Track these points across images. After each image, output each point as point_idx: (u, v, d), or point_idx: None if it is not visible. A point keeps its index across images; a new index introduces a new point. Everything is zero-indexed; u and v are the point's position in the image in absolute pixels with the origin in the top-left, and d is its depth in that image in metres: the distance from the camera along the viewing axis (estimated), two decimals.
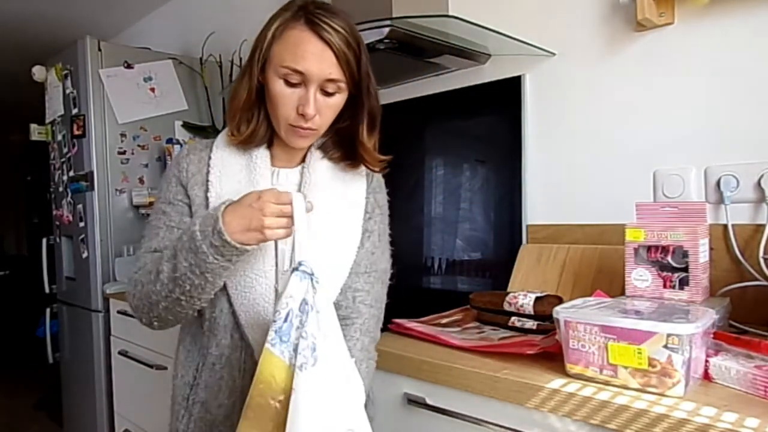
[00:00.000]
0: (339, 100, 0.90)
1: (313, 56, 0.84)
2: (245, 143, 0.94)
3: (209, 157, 0.95)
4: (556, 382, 0.85)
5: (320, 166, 0.97)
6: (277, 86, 0.87)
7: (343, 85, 0.88)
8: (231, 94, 0.95)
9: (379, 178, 1.04)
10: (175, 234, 0.92)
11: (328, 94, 0.88)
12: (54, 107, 2.49)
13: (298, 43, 0.84)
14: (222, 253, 0.80)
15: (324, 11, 0.86)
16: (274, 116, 0.90)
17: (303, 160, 0.98)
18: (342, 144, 0.98)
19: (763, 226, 1.11)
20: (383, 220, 1.02)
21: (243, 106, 0.91)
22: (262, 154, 0.95)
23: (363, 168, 1.00)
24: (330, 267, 0.91)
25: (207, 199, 0.93)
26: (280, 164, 0.98)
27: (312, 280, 0.76)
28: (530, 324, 1.14)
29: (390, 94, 1.86)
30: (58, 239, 2.60)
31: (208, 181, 0.94)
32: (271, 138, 0.97)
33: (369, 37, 1.35)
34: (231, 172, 0.94)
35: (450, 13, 1.54)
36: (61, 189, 2.51)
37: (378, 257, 0.99)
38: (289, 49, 0.85)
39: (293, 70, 0.84)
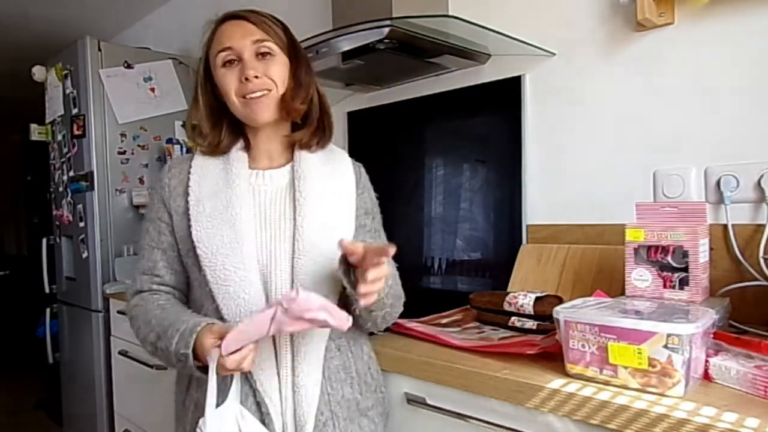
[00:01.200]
0: (280, 62, 0.97)
1: (235, 31, 0.96)
2: (214, 151, 1.01)
3: (190, 166, 1.01)
4: (556, 382, 0.85)
5: (309, 161, 1.01)
6: (220, 73, 0.97)
7: (272, 44, 0.96)
8: (187, 115, 1.05)
9: (366, 176, 1.09)
10: (156, 255, 0.99)
11: (263, 57, 0.96)
12: (54, 107, 2.49)
13: (221, 32, 0.98)
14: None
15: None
16: (230, 101, 0.98)
17: (290, 159, 1.03)
18: (315, 134, 1.04)
19: (763, 226, 1.11)
20: (380, 219, 1.09)
21: (201, 118, 1.00)
22: (238, 156, 1.01)
23: (349, 162, 1.06)
24: (326, 255, 0.94)
25: (187, 203, 0.97)
26: (262, 166, 1.02)
27: None
28: (530, 324, 1.14)
29: (390, 94, 1.86)
30: (58, 239, 2.60)
31: (188, 186, 0.98)
32: (246, 142, 1.03)
33: (369, 37, 1.35)
34: (209, 176, 0.99)
35: (450, 13, 1.54)
36: (61, 189, 2.51)
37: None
38: (217, 40, 0.98)
39: (224, 49, 0.96)
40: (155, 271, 0.99)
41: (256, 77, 0.94)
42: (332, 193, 1.00)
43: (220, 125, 1.01)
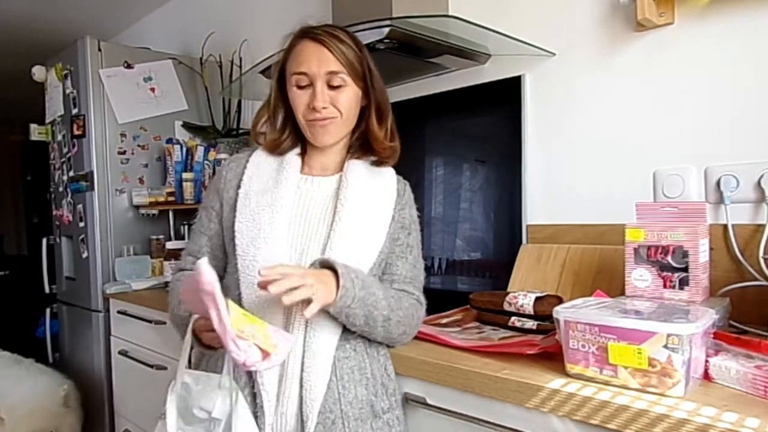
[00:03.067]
0: (349, 92, 1.02)
1: (312, 56, 1.00)
2: (273, 149, 1.08)
3: (247, 161, 1.09)
4: (556, 382, 0.85)
5: (357, 172, 1.07)
6: (293, 92, 1.02)
7: (345, 76, 1.01)
8: (258, 110, 1.12)
9: (410, 193, 1.15)
10: (203, 240, 1.09)
11: (334, 88, 1.01)
12: (54, 107, 2.49)
13: (300, 51, 1.02)
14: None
15: (324, 26, 1.04)
16: (298, 120, 1.04)
17: (341, 170, 1.08)
18: (366, 144, 1.11)
19: (763, 226, 1.11)
20: (418, 236, 1.13)
21: (265, 117, 1.09)
22: (292, 160, 1.07)
23: (394, 179, 1.12)
24: (354, 260, 0.99)
25: (237, 194, 1.05)
26: (315, 173, 1.08)
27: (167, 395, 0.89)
28: (530, 324, 1.14)
29: (390, 94, 1.84)
30: (58, 239, 2.60)
31: (241, 180, 1.05)
32: (304, 148, 1.09)
33: (369, 37, 1.35)
34: (262, 173, 1.06)
35: (450, 13, 1.54)
36: (61, 189, 2.51)
37: (419, 270, 1.11)
38: (294, 59, 1.02)
39: (299, 73, 1.00)
40: (198, 255, 1.08)
41: (324, 108, 1.00)
42: (372, 204, 1.05)
43: (284, 127, 1.09)
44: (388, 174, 1.12)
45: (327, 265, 0.94)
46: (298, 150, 1.09)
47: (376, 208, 1.05)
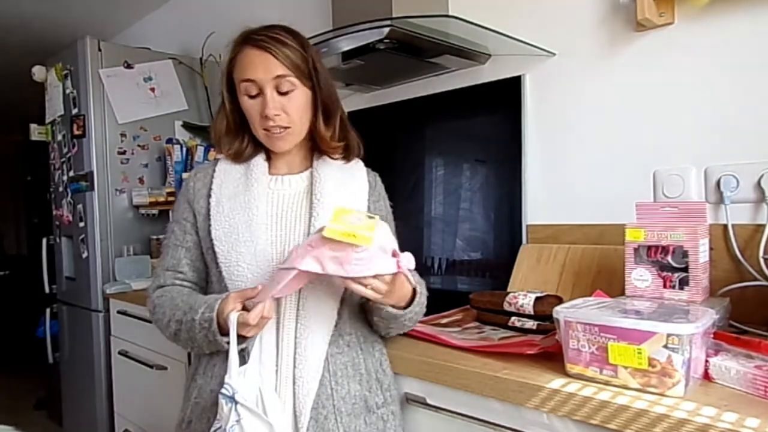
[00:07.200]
0: (299, 95, 1.00)
1: (258, 64, 0.98)
2: (237, 158, 1.07)
3: (213, 170, 1.07)
4: (556, 382, 0.85)
5: (327, 167, 1.07)
6: (245, 102, 1.01)
7: (293, 79, 0.98)
8: (212, 124, 1.10)
9: (381, 185, 1.15)
10: (180, 252, 1.05)
11: (284, 93, 0.99)
12: (54, 107, 2.49)
13: (244, 59, 0.99)
14: (215, 345, 0.94)
15: (263, 29, 1.00)
16: (254, 129, 1.03)
17: (309, 166, 1.08)
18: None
19: (763, 226, 1.11)
20: (393, 228, 1.10)
21: (225, 131, 1.06)
22: (258, 162, 1.06)
23: (364, 171, 1.12)
24: None
25: (209, 204, 1.03)
26: (283, 171, 1.08)
27: (234, 405, 0.86)
28: (530, 324, 1.14)
29: (390, 94, 1.86)
30: (58, 239, 2.60)
31: (211, 189, 1.04)
32: (267, 151, 1.08)
33: (369, 37, 1.36)
34: (230, 180, 1.05)
35: (450, 13, 1.54)
36: (61, 189, 2.51)
37: None
38: (240, 68, 1.00)
39: (246, 81, 0.98)
40: (178, 268, 1.06)
41: (277, 115, 0.98)
42: (347, 198, 1.04)
43: (243, 135, 1.07)
44: (357, 167, 1.12)
45: None
46: (262, 155, 1.08)
47: (351, 202, 1.04)
